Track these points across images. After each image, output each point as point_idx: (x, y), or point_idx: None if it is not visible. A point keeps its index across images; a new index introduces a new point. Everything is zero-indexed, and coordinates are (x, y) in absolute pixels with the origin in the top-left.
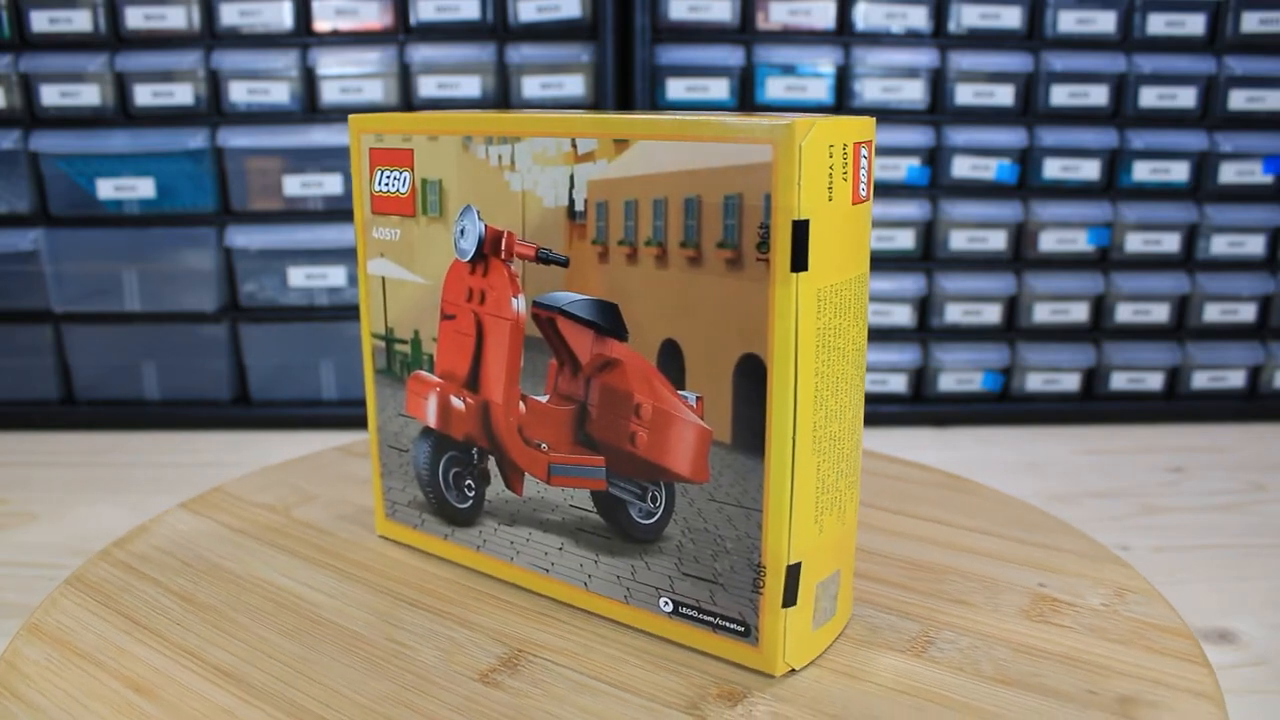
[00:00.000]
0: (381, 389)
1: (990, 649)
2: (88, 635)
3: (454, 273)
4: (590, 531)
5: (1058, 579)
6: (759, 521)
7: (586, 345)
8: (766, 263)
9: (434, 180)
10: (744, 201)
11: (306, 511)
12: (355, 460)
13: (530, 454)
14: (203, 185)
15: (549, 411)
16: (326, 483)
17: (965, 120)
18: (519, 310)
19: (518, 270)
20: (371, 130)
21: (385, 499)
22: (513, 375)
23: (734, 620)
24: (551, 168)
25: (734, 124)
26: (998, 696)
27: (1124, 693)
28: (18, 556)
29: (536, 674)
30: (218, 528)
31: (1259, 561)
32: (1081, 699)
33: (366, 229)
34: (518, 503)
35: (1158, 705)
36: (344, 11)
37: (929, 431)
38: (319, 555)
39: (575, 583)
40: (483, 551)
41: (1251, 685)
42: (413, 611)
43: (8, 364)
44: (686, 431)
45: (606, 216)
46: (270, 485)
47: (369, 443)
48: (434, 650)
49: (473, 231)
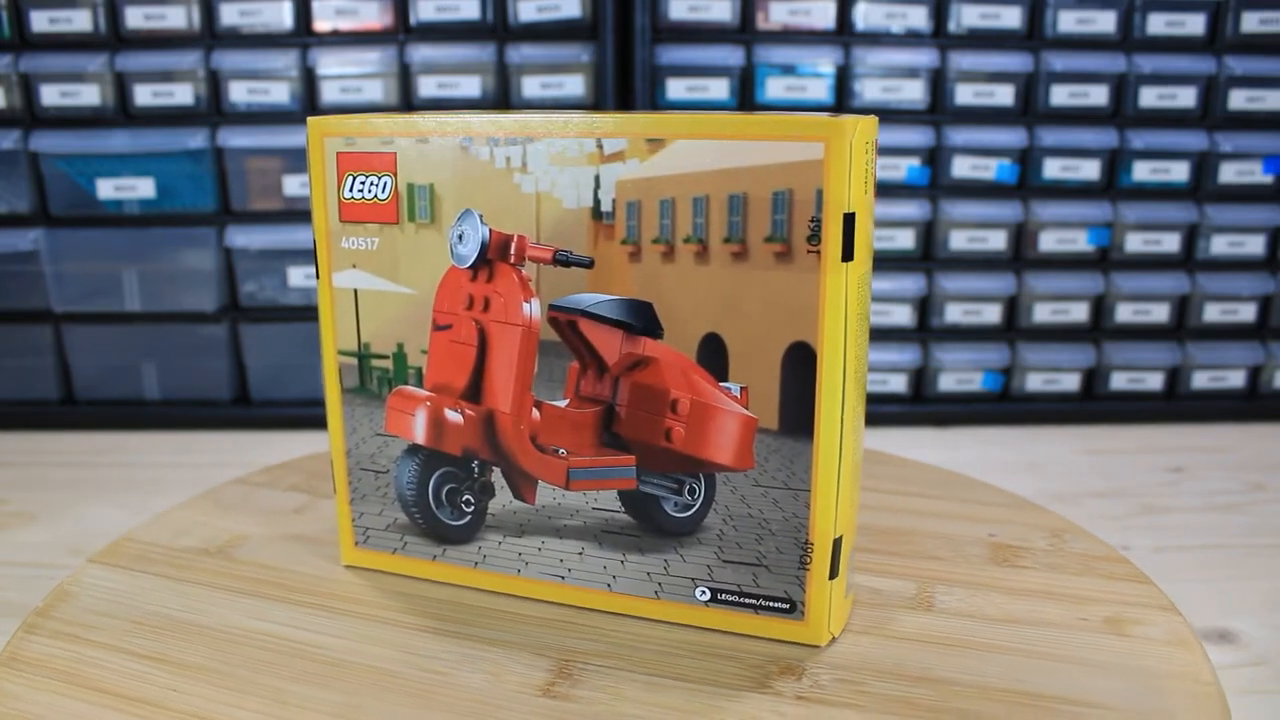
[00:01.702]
0: (351, 409)
1: (984, 595)
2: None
3: (450, 280)
4: (616, 532)
5: (1003, 528)
6: (806, 501)
7: (614, 345)
8: (817, 254)
9: (424, 185)
10: (794, 196)
11: (246, 551)
12: (263, 491)
13: (545, 461)
14: (203, 185)
15: (568, 416)
16: (245, 519)
17: (965, 120)
18: (531, 315)
19: (530, 274)
20: (339, 133)
21: (355, 526)
22: (524, 382)
23: (779, 599)
24: (573, 168)
25: (785, 122)
26: (1013, 634)
27: (1106, 615)
28: (17, 556)
29: (597, 680)
30: (153, 580)
31: (1259, 561)
32: (1077, 625)
33: (331, 240)
34: (529, 512)
35: (1140, 621)
36: (344, 11)
37: (929, 431)
38: (290, 594)
39: (597, 586)
40: (482, 568)
41: (1252, 685)
42: (433, 639)
43: (8, 364)
44: (729, 422)
45: (639, 216)
46: (184, 529)
47: (327, 467)
48: (479, 674)
49: (474, 236)
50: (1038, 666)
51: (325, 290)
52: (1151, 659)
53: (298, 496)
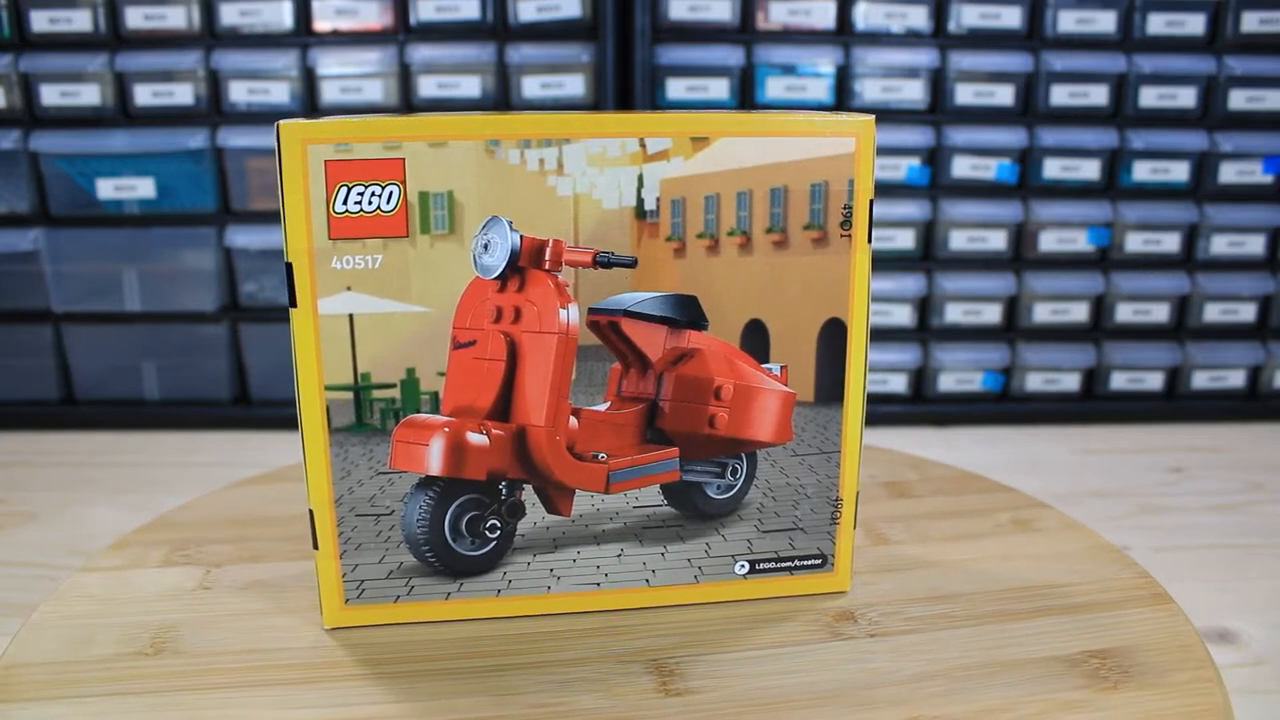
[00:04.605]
0: (343, 450)
1: (923, 524)
2: None
3: (472, 293)
4: (658, 526)
5: (884, 469)
6: (837, 461)
7: (658, 342)
8: (848, 238)
9: (440, 192)
10: (829, 187)
11: (193, 640)
12: (135, 574)
13: (582, 470)
14: (203, 185)
15: (608, 419)
16: (156, 606)
17: (965, 120)
18: (568, 321)
19: (566, 279)
20: (327, 139)
21: (346, 581)
22: (560, 392)
23: (812, 556)
24: (613, 169)
25: (820, 120)
26: (964, 549)
27: (1011, 518)
28: (17, 556)
29: (701, 669)
30: (120, 702)
31: (1259, 561)
32: (995, 531)
33: (317, 262)
34: (563, 525)
35: (1041, 517)
36: (344, 11)
37: (929, 431)
38: (294, 674)
39: (635, 584)
40: (506, 594)
41: (1252, 685)
42: (510, 677)
43: (8, 364)
44: (770, 400)
45: (683, 212)
46: (86, 636)
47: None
48: (586, 695)
49: (502, 245)
50: (1013, 568)
51: (307, 320)
52: (1057, 539)
53: (192, 571)
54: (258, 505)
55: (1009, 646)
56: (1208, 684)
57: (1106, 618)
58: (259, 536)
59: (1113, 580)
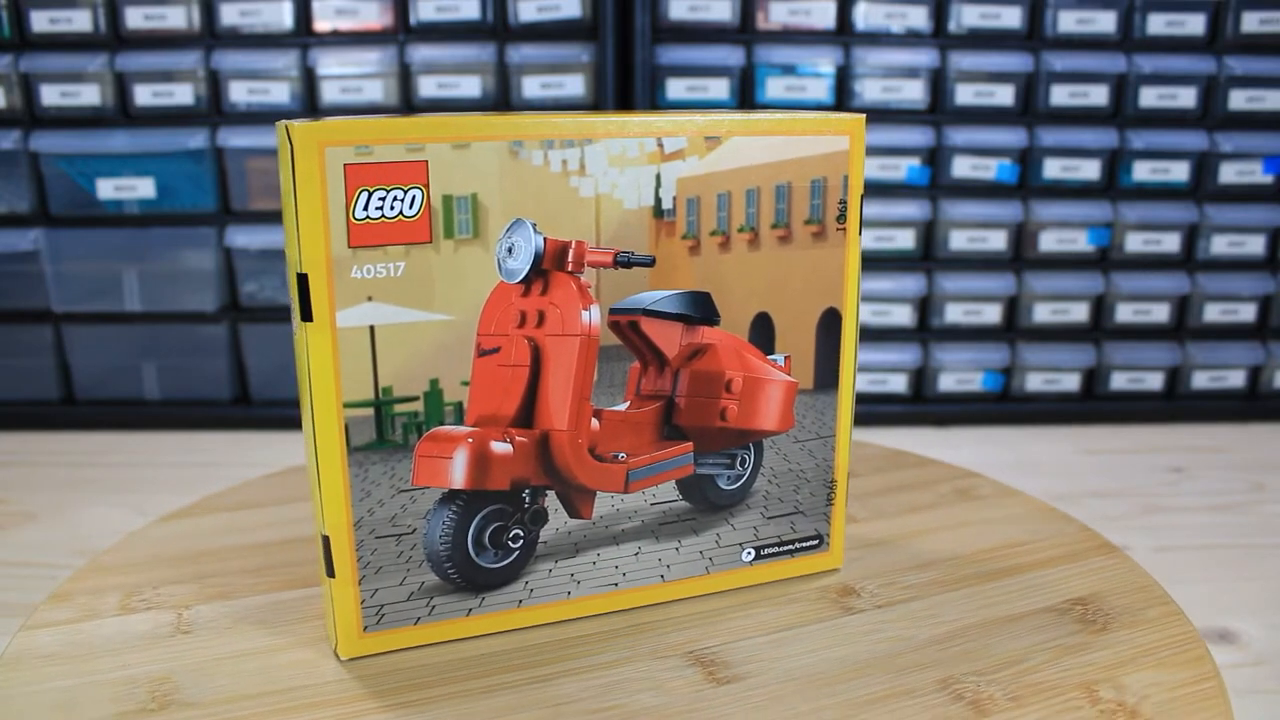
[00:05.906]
0: (363, 470)
1: (883, 499)
2: None
3: (497, 298)
4: (673, 520)
5: None
6: (833, 444)
7: (674, 339)
8: (843, 231)
9: (464, 196)
10: (827, 183)
11: (198, 690)
12: (103, 624)
13: (602, 471)
14: (203, 185)
15: (628, 418)
16: (135, 658)
17: (965, 120)
18: (590, 323)
19: (589, 280)
20: (347, 141)
21: (365, 607)
22: (583, 394)
23: (811, 538)
24: (634, 168)
25: (819, 119)
26: (929, 517)
27: (958, 487)
28: (17, 556)
29: (739, 656)
30: None
31: (1259, 561)
32: (947, 501)
33: (335, 271)
34: (584, 529)
35: (982, 487)
36: (344, 11)
37: (929, 431)
38: (330, 712)
39: (651, 581)
40: (528, 604)
41: (1252, 685)
42: (556, 686)
43: (8, 364)
44: (775, 390)
45: (698, 210)
46: (67, 700)
47: (321, 556)
48: (642, 693)
49: (526, 248)
50: (974, 533)
51: (324, 335)
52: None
53: (161, 615)
54: (195, 540)
55: (1001, 604)
56: (1177, 618)
57: (1070, 569)
58: (218, 572)
59: (1061, 536)
